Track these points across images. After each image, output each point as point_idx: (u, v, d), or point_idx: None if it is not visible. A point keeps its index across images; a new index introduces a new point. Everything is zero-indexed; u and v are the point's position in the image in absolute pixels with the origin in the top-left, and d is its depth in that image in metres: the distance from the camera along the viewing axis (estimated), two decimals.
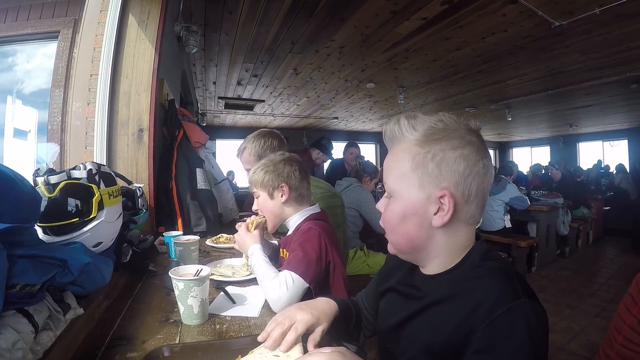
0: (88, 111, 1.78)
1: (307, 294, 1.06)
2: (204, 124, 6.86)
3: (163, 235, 1.63)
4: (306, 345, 0.70)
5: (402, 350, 0.69)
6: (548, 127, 9.68)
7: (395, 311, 0.73)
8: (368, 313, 0.92)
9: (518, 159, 12.02)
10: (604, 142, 10.35)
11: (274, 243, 1.40)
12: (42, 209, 0.85)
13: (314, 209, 1.30)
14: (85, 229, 0.91)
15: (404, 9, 2.95)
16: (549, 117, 8.13)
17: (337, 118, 8.07)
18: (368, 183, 3.11)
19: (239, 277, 1.24)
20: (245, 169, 1.78)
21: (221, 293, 1.10)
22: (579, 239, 5.39)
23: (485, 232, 4.24)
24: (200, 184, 2.06)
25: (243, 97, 5.98)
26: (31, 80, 2.05)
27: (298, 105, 6.68)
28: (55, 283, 0.73)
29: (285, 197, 1.25)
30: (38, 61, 2.06)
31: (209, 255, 1.64)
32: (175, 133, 2.11)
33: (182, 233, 1.69)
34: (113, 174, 1.08)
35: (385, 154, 0.72)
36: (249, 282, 1.22)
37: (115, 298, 1.10)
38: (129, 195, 1.48)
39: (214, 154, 2.51)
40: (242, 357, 0.65)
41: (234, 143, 7.93)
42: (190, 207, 1.99)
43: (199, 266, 0.99)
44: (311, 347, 0.68)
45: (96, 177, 0.96)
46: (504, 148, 13.31)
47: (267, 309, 1.01)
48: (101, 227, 0.95)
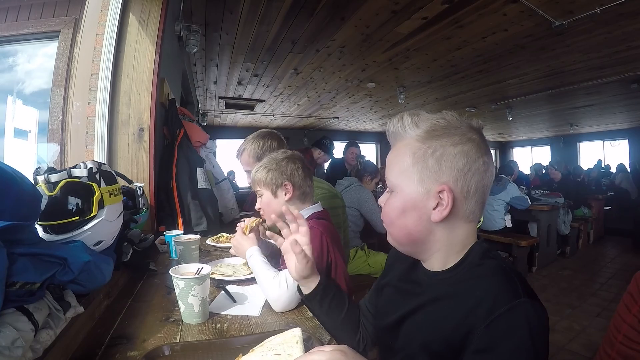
0: (89, 110, 1.78)
1: None
2: (205, 124, 6.85)
3: (164, 235, 1.63)
4: (308, 344, 0.70)
5: (401, 347, 0.69)
6: (549, 127, 9.67)
7: (395, 308, 0.73)
8: (369, 322, 0.90)
9: (518, 158, 12.00)
10: (605, 142, 10.36)
11: (273, 242, 1.39)
12: (43, 207, 0.85)
13: (316, 207, 1.30)
14: (86, 228, 0.91)
15: (405, 9, 2.95)
16: (550, 117, 8.12)
17: (338, 118, 8.07)
18: (369, 183, 3.11)
19: (239, 277, 1.24)
20: (245, 170, 1.77)
21: (222, 292, 1.10)
22: (580, 239, 5.38)
23: (485, 232, 4.24)
24: (201, 183, 2.06)
25: (244, 97, 5.98)
26: (32, 80, 2.05)
27: (299, 105, 6.68)
28: (56, 281, 0.73)
29: (289, 196, 1.24)
30: (39, 61, 2.06)
31: (209, 254, 1.64)
32: (176, 132, 2.11)
33: (183, 232, 1.69)
34: (114, 173, 1.08)
35: (386, 154, 0.72)
36: (249, 282, 1.22)
37: (116, 297, 1.09)
38: (130, 195, 1.48)
39: (214, 153, 2.51)
40: (243, 356, 0.65)
41: (234, 143, 7.92)
42: (190, 207, 1.99)
43: (200, 265, 0.99)
44: None
45: (97, 176, 0.96)
46: (504, 148, 13.31)
47: (268, 308, 1.01)
48: (102, 226, 0.95)
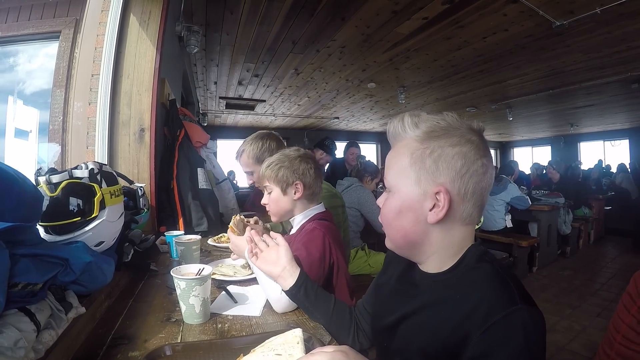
0: (89, 111, 1.78)
1: None
2: (205, 124, 6.86)
3: (164, 235, 1.63)
4: (309, 344, 0.70)
5: (398, 349, 0.69)
6: (549, 127, 9.67)
7: (391, 309, 0.73)
8: (367, 323, 0.91)
9: (519, 158, 11.99)
10: (605, 142, 10.34)
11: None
12: (44, 208, 0.85)
13: (319, 208, 1.30)
14: (87, 228, 0.91)
15: (405, 9, 2.95)
16: (550, 117, 8.12)
17: (338, 118, 8.07)
18: (369, 183, 3.11)
19: (240, 277, 1.24)
20: (245, 172, 1.77)
21: (223, 292, 1.10)
22: (580, 239, 5.38)
23: (486, 232, 4.24)
24: (202, 183, 2.06)
25: (244, 97, 5.98)
26: (32, 81, 2.05)
27: (299, 105, 6.68)
28: (57, 282, 0.73)
29: (298, 195, 1.24)
30: (39, 61, 2.06)
31: (210, 254, 1.64)
32: (177, 133, 2.11)
33: (184, 233, 1.69)
34: (115, 174, 1.08)
35: (386, 154, 0.72)
36: (250, 282, 1.22)
37: (117, 297, 1.10)
38: (131, 195, 1.48)
39: (215, 153, 2.51)
40: (245, 356, 0.65)
41: (235, 143, 7.92)
42: (191, 207, 1.99)
43: (201, 265, 0.99)
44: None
45: (98, 177, 0.96)
46: (505, 148, 13.30)
47: (269, 309, 1.01)
48: (103, 227, 0.95)
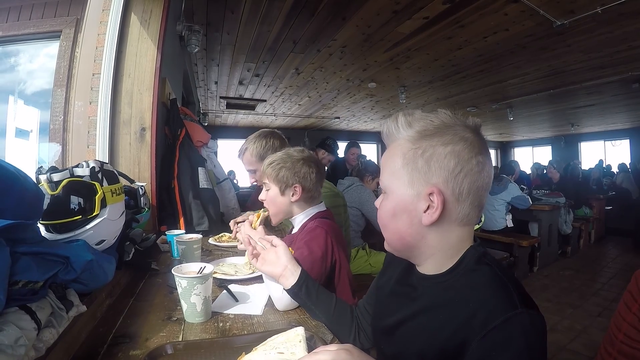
0: (90, 110, 1.78)
1: None
2: (206, 124, 6.85)
3: (165, 234, 1.63)
4: (311, 343, 0.70)
5: (396, 353, 0.68)
6: (550, 127, 9.66)
7: (390, 312, 0.72)
8: (367, 323, 0.90)
9: (519, 158, 11.97)
10: (606, 142, 10.34)
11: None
12: (45, 206, 0.85)
13: (320, 207, 1.30)
14: (88, 227, 0.91)
15: (406, 8, 2.95)
16: (551, 117, 8.11)
17: (339, 118, 8.07)
18: (370, 182, 3.11)
19: (241, 276, 1.23)
20: (247, 170, 1.77)
21: (224, 291, 1.10)
22: (581, 239, 5.37)
23: (487, 232, 4.24)
24: (203, 183, 2.05)
25: (245, 97, 5.98)
26: (33, 80, 2.05)
27: (300, 105, 6.68)
28: (58, 280, 0.73)
29: (296, 197, 1.23)
30: (40, 61, 2.06)
31: (211, 254, 1.64)
32: (178, 132, 2.10)
33: (185, 232, 1.69)
34: (116, 172, 1.08)
35: None
36: (251, 281, 1.22)
37: (118, 296, 1.09)
38: (132, 194, 1.48)
39: (215, 153, 2.51)
40: (247, 355, 0.65)
41: (235, 143, 7.93)
42: (192, 206, 1.98)
43: (202, 264, 0.98)
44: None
45: (99, 175, 0.96)
46: (505, 148, 13.29)
47: (270, 307, 1.01)
48: (104, 225, 0.95)
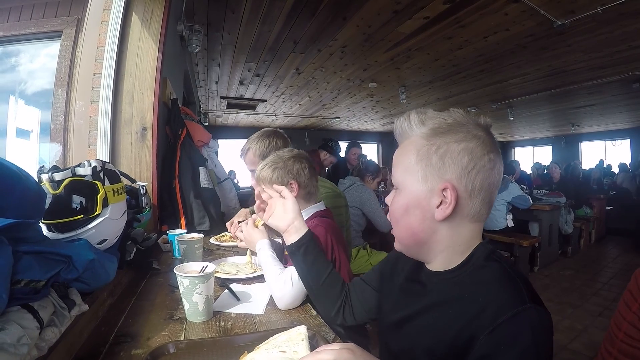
0: (91, 110, 1.78)
1: None
2: (207, 124, 6.86)
3: (167, 234, 1.63)
4: (313, 341, 0.70)
5: (403, 349, 0.68)
6: (550, 127, 9.66)
7: (398, 308, 0.73)
8: (360, 305, 0.92)
9: (520, 158, 11.95)
10: (606, 142, 10.33)
11: (278, 241, 1.39)
12: (47, 205, 0.85)
13: (319, 206, 1.29)
14: (90, 226, 0.91)
15: (406, 8, 2.95)
16: (551, 117, 8.11)
17: (339, 118, 8.07)
18: (370, 182, 3.11)
19: (243, 275, 1.23)
20: (249, 170, 1.76)
21: (225, 291, 1.10)
22: (582, 239, 5.37)
23: (487, 232, 4.23)
24: (204, 182, 2.06)
25: (245, 97, 5.98)
26: (34, 81, 2.05)
27: (300, 105, 6.68)
28: (60, 279, 0.73)
29: (293, 195, 1.24)
30: (41, 61, 2.06)
31: (212, 253, 1.64)
32: (179, 132, 2.11)
33: (186, 231, 1.69)
34: (117, 172, 1.08)
35: (387, 153, 0.72)
36: (253, 280, 1.22)
37: (120, 295, 1.09)
38: (133, 194, 1.47)
39: (216, 153, 2.51)
40: (249, 353, 0.65)
41: (236, 143, 7.94)
42: (193, 206, 1.99)
43: (204, 263, 0.98)
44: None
45: (101, 174, 0.96)
46: (506, 148, 13.28)
47: (272, 306, 1.01)
48: (106, 224, 0.95)
